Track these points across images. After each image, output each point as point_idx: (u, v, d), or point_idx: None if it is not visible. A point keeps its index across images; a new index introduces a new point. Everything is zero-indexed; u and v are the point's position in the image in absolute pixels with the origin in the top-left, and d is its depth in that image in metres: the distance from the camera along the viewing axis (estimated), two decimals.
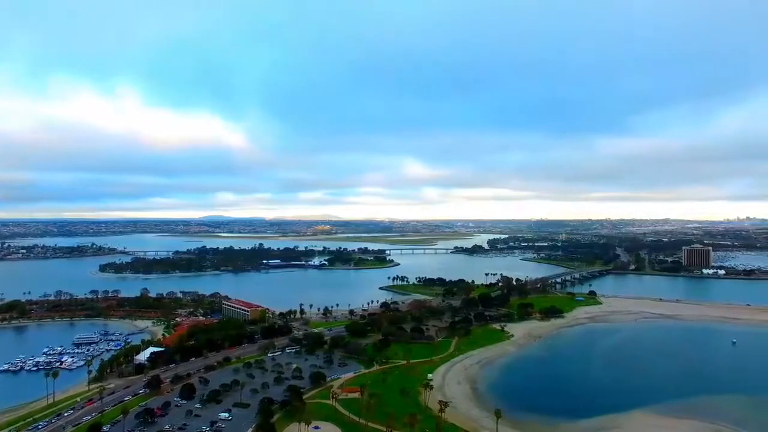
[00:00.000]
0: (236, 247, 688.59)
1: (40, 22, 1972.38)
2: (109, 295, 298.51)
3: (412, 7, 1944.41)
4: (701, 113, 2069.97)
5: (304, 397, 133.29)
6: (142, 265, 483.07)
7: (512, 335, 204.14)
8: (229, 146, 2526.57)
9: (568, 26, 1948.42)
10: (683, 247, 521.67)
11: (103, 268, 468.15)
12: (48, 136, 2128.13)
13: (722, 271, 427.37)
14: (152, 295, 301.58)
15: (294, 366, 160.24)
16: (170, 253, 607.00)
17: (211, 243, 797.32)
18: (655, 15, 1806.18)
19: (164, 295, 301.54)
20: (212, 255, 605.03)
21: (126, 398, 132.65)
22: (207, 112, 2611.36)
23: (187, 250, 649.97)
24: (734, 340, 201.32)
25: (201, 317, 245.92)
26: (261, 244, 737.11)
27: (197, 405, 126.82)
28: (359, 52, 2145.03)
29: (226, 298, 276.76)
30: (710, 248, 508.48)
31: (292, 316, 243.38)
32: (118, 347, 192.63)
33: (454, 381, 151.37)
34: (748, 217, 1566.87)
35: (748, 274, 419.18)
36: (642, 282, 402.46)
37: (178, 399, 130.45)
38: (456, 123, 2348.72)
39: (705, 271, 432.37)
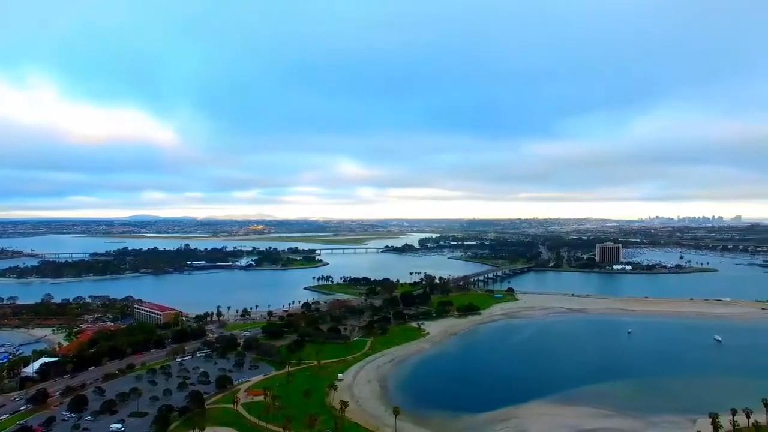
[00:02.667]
0: (161, 248, 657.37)
1: None
2: (4, 302, 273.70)
3: (342, 9, 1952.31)
4: (617, 120, 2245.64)
5: (208, 402, 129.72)
6: (51, 269, 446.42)
7: (428, 333, 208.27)
8: (157, 143, 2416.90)
9: (496, 33, 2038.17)
10: (597, 245, 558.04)
11: (2, 273, 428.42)
12: None
13: (629, 267, 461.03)
14: (57, 301, 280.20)
15: (201, 370, 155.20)
16: (86, 255, 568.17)
17: (134, 244, 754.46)
18: (575, 27, 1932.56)
19: (71, 300, 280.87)
20: (133, 257, 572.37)
21: (1, 417, 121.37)
22: (133, 108, 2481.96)
23: (106, 251, 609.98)
24: (629, 330, 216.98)
25: (109, 323, 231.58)
26: (187, 245, 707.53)
27: (88, 418, 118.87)
28: (290, 51, 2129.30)
29: (139, 301, 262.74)
30: (620, 245, 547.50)
31: (208, 318, 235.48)
32: (4, 360, 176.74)
33: (364, 380, 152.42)
34: (657, 217, 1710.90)
35: (650, 269, 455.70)
36: (560, 278, 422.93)
37: (67, 413, 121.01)
38: (390, 124, 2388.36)
39: (615, 266, 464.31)
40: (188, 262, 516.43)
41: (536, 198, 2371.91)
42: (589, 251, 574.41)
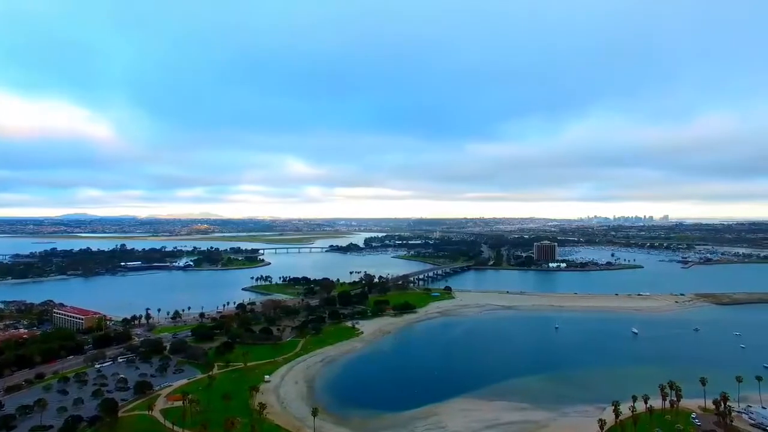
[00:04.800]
0: (94, 249, 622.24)
1: None
2: None
3: (284, 8, 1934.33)
4: (553, 124, 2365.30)
5: (123, 409, 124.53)
6: None
7: (362, 332, 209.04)
8: (92, 138, 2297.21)
9: (438, 35, 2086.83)
10: (534, 243, 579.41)
11: None
12: None
13: (564, 264, 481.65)
14: None
15: (120, 376, 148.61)
16: (6, 257, 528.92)
17: (64, 244, 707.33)
18: (514, 33, 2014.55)
19: None
20: (61, 258, 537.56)
21: None
22: (65, 100, 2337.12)
23: (31, 253, 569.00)
24: (557, 326, 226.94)
25: (23, 330, 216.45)
26: (123, 245, 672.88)
27: None
28: (232, 47, 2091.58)
29: (60, 305, 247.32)
30: (556, 244, 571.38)
31: (136, 322, 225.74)
32: None
33: (291, 381, 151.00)
34: (596, 216, 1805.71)
35: (583, 266, 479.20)
36: (498, 276, 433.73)
37: None
38: (335, 123, 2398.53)
39: (551, 264, 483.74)
40: (122, 263, 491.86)
41: (482, 198, 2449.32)
42: (529, 250, 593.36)
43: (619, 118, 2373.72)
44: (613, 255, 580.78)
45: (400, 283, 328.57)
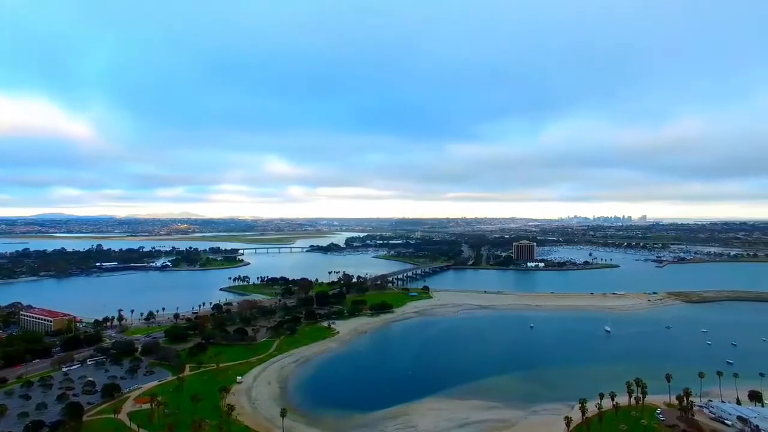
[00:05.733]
0: (69, 249, 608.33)
1: None
2: None
3: (265, 9, 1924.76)
4: (533, 125, 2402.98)
5: (89, 413, 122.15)
6: None
7: (338, 332, 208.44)
8: (70, 137, 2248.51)
9: (419, 37, 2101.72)
10: (514, 243, 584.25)
11: None
12: None
13: (542, 264, 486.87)
14: None
15: (88, 379, 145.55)
16: None
17: (38, 245, 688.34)
18: (491, 34, 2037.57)
19: None
20: (34, 259, 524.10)
21: None
22: (42, 98, 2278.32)
23: (0, 253, 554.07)
24: (532, 325, 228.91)
25: None
26: (99, 245, 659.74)
27: None
28: (213, 47, 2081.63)
29: (28, 307, 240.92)
30: (534, 244, 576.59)
31: (108, 323, 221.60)
32: None
33: (264, 381, 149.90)
34: (576, 216, 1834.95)
35: (561, 265, 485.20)
36: (477, 275, 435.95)
37: None
38: (317, 123, 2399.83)
39: (529, 264, 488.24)
40: (98, 264, 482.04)
41: (463, 198, 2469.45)
42: (509, 249, 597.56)
43: (598, 119, 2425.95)
44: (590, 254, 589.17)
45: (378, 283, 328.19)
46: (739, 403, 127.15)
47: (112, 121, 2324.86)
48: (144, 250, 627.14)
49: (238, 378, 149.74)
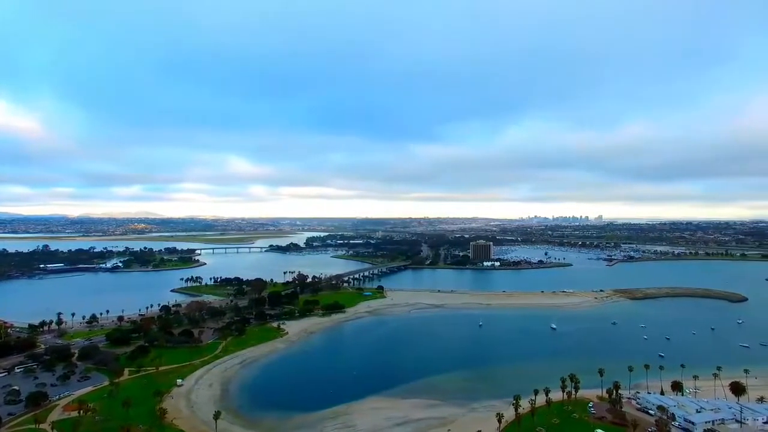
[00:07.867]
0: (11, 250, 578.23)
1: None
2: None
3: (222, 7, 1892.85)
4: (492, 127, 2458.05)
5: (10, 424, 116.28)
6: None
7: (287, 333, 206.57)
8: (15, 132, 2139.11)
9: (380, 38, 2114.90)
10: (470, 243, 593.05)
11: None
12: None
13: (497, 263, 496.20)
14: None
15: (12, 388, 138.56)
16: None
17: None
18: (449, 37, 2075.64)
19: None
20: None
21: None
22: None
23: None
24: (480, 323, 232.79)
25: None
26: (46, 246, 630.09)
27: None
28: (168, 44, 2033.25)
29: None
30: (491, 243, 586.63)
31: (45, 327, 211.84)
32: None
33: (206, 384, 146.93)
34: (536, 216, 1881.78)
35: (516, 264, 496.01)
36: (434, 275, 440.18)
37: None
38: (278, 123, 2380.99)
39: (485, 263, 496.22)
40: (42, 266, 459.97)
41: (426, 198, 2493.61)
42: (467, 249, 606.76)
43: (554, 122, 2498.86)
44: (546, 254, 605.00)
45: (333, 282, 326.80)
46: (662, 393, 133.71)
47: (62, 116, 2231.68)
48: (95, 250, 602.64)
49: (179, 381, 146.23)
